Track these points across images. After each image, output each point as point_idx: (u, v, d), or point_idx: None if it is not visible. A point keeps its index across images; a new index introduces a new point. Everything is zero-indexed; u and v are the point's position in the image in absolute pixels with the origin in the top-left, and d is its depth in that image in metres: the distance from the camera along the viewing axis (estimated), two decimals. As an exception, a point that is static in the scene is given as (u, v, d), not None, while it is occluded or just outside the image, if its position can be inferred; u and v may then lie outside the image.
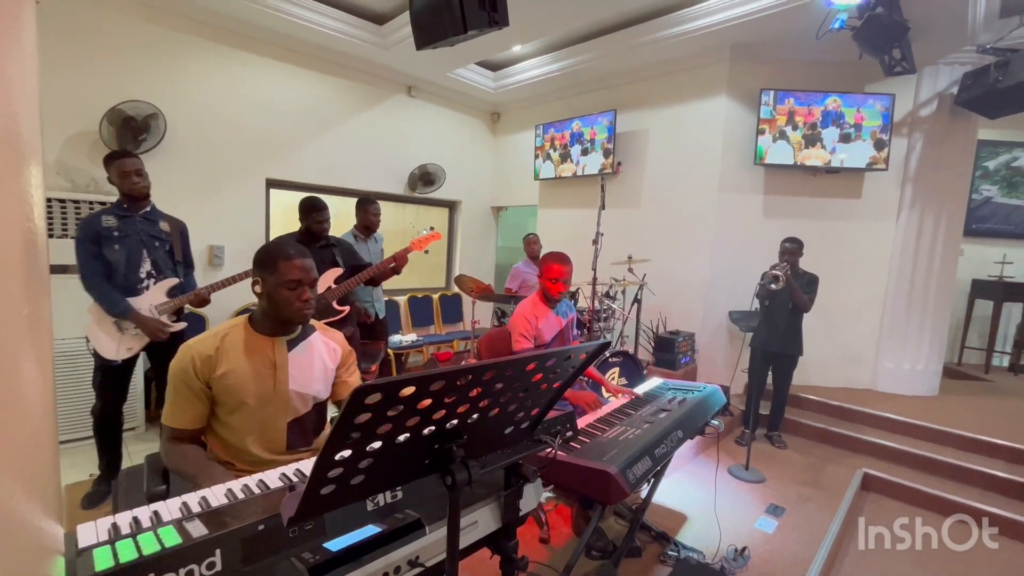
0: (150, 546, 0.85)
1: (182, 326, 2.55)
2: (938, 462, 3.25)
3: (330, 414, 1.64)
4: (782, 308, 3.43)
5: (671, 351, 4.19)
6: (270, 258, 1.38)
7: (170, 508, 1.03)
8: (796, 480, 3.17)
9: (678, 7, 3.87)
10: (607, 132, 4.83)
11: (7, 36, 0.50)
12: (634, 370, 3.54)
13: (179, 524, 0.93)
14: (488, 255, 6.53)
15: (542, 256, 2.53)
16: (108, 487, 2.56)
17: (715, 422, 2.26)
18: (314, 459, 0.79)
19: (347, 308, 2.89)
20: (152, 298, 2.44)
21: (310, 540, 0.95)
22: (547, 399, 1.21)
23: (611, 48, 4.42)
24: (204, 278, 2.88)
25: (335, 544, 0.99)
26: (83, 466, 2.70)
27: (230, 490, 1.11)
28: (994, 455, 3.26)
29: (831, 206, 4.26)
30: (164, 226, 2.55)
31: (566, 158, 5.24)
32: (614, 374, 3.42)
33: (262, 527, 0.92)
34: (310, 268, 1.42)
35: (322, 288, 2.72)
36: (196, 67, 3.81)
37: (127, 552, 0.84)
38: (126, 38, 3.48)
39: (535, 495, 1.41)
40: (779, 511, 2.78)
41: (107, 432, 2.55)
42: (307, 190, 4.40)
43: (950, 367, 5.00)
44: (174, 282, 2.52)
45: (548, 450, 1.29)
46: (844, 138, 4.02)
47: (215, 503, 1.05)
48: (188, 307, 2.58)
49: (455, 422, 0.96)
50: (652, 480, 2.29)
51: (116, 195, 2.48)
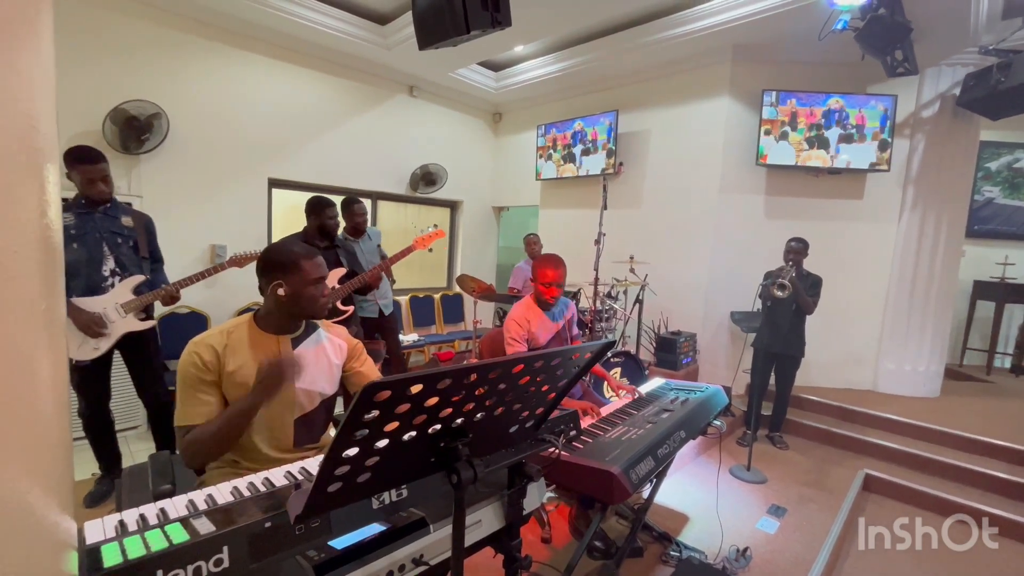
0: (158, 543, 0.86)
1: (151, 324, 2.46)
2: (939, 463, 3.25)
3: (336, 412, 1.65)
4: (785, 309, 3.42)
5: (673, 351, 4.20)
6: (293, 259, 1.43)
7: (176, 505, 1.03)
8: (798, 481, 3.17)
9: (680, 8, 3.88)
10: (609, 133, 4.84)
11: (27, 33, 0.51)
12: (636, 370, 3.55)
13: (186, 521, 0.94)
14: (489, 255, 6.54)
15: (539, 258, 2.45)
16: (110, 486, 2.56)
17: (717, 422, 2.27)
18: (320, 457, 0.79)
19: (351, 308, 2.89)
20: (117, 296, 2.34)
21: (316, 538, 0.96)
22: (552, 398, 1.21)
23: (613, 49, 4.42)
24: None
25: (340, 542, 1.00)
26: (86, 465, 2.71)
27: (236, 488, 1.12)
28: (995, 456, 3.26)
29: (833, 207, 4.26)
30: (127, 221, 2.44)
31: (568, 158, 5.24)
32: (616, 374, 3.43)
33: (269, 524, 0.92)
34: (324, 265, 1.50)
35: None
36: (199, 67, 3.82)
37: (135, 548, 0.84)
38: (129, 38, 3.49)
39: (538, 494, 1.42)
40: (781, 512, 2.78)
41: (97, 432, 2.53)
42: (309, 190, 4.41)
43: (951, 368, 4.99)
44: (140, 279, 2.42)
45: (552, 450, 1.29)
46: (846, 139, 4.02)
47: (221, 501, 1.06)
48: (176, 305, 2.48)
49: (461, 420, 0.97)
50: (654, 480, 2.29)
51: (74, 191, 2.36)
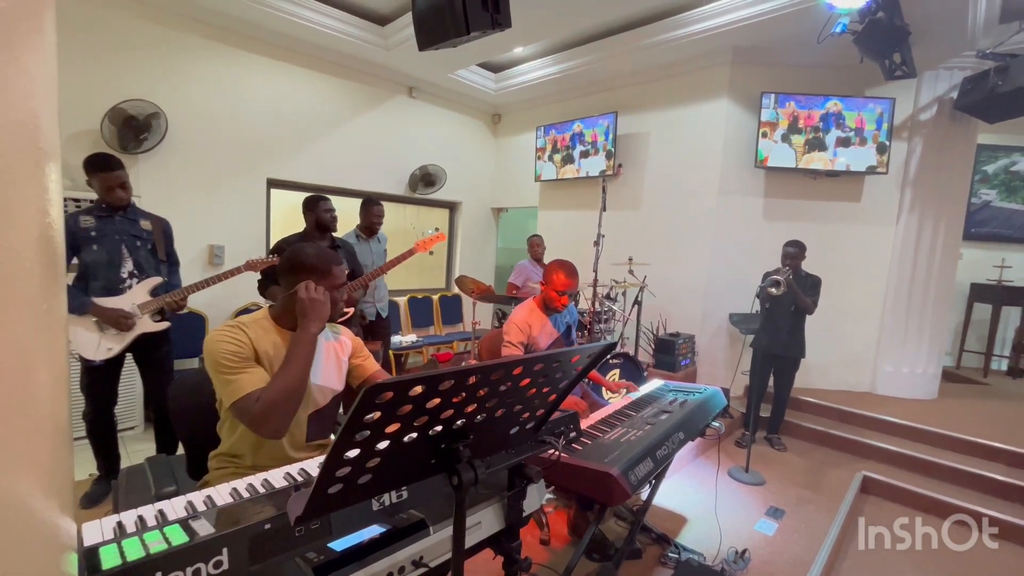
0: (157, 545, 0.85)
1: (165, 325, 2.50)
2: (937, 465, 3.26)
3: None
4: (784, 310, 3.43)
5: (671, 353, 4.20)
6: (324, 263, 1.46)
7: (175, 507, 1.02)
8: (796, 482, 3.18)
9: (680, 10, 3.88)
10: (608, 134, 4.85)
11: (30, 30, 0.50)
12: (634, 372, 3.55)
13: (185, 523, 0.93)
14: (488, 256, 6.53)
15: (549, 263, 2.42)
16: (107, 487, 2.55)
17: (716, 424, 2.27)
18: (320, 459, 0.79)
19: (352, 309, 2.89)
20: (134, 297, 2.40)
21: (316, 539, 0.95)
22: (552, 400, 1.21)
23: (612, 50, 4.43)
24: (203, 277, 2.85)
25: (340, 544, 0.99)
26: (83, 465, 2.69)
27: (235, 489, 1.11)
28: (993, 458, 3.26)
29: (831, 209, 4.28)
30: (145, 224, 2.50)
31: (567, 160, 5.25)
32: (615, 375, 3.43)
33: (269, 526, 0.91)
34: (345, 271, 1.55)
35: None
36: (198, 67, 3.81)
37: (134, 550, 0.83)
38: (128, 37, 3.48)
39: (538, 496, 1.42)
40: (779, 513, 2.79)
41: (100, 435, 2.53)
42: (308, 190, 4.40)
43: (949, 371, 5.01)
44: (157, 281, 2.47)
45: (551, 451, 1.29)
46: (845, 142, 4.03)
47: (221, 502, 1.05)
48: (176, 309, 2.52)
49: (462, 422, 0.97)
50: (653, 482, 2.29)
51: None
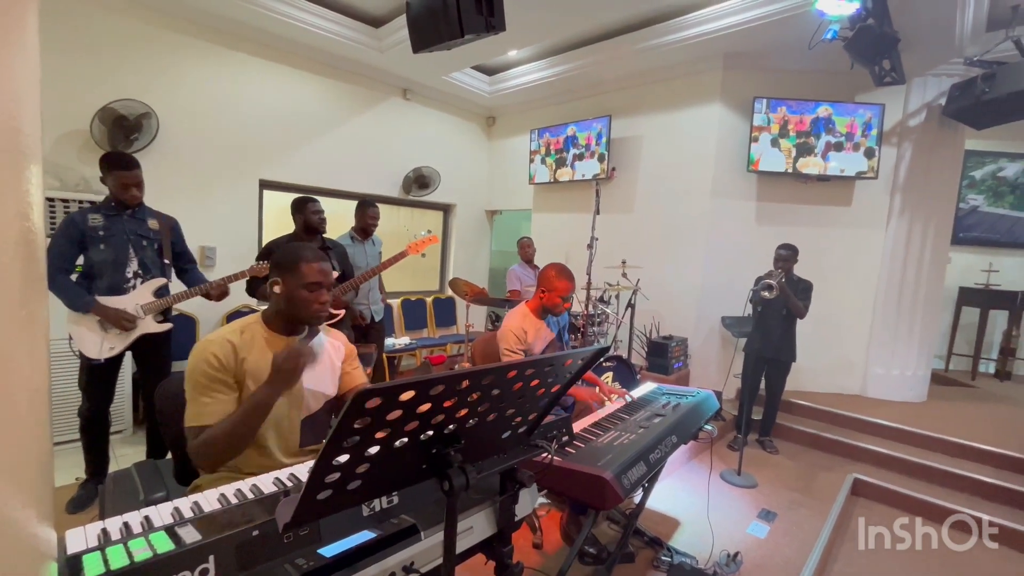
0: (142, 552, 0.83)
1: (168, 327, 2.51)
2: (926, 467, 3.28)
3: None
4: (776, 314, 3.45)
5: (664, 356, 4.21)
6: (291, 260, 1.41)
7: (161, 513, 1.01)
8: (787, 485, 3.19)
9: (673, 15, 3.91)
10: (601, 138, 4.86)
11: (11, 28, 0.49)
12: (627, 375, 3.55)
13: (171, 530, 0.91)
14: (482, 259, 6.53)
15: (547, 269, 2.39)
16: (94, 491, 2.51)
17: (709, 427, 2.27)
18: (309, 464, 0.78)
19: (342, 311, 2.87)
20: (138, 297, 2.40)
21: (306, 546, 0.94)
22: (544, 404, 1.21)
23: (606, 55, 4.45)
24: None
25: (329, 550, 0.98)
26: (68, 469, 2.66)
27: (223, 495, 1.10)
28: (981, 460, 3.30)
29: (822, 213, 4.31)
30: (152, 224, 2.51)
31: (561, 163, 5.26)
32: (607, 378, 3.42)
33: (257, 532, 0.90)
34: (328, 272, 1.46)
35: None
36: (189, 67, 3.79)
37: (118, 558, 0.82)
38: (119, 36, 3.45)
39: (530, 500, 1.41)
40: (771, 516, 2.80)
41: (94, 434, 2.51)
42: (301, 192, 4.38)
43: (938, 373, 5.06)
44: (162, 282, 2.49)
45: (544, 455, 1.29)
46: (835, 147, 4.08)
47: (208, 508, 1.04)
48: (205, 299, 2.56)
49: (453, 427, 0.96)
50: (646, 485, 2.29)
51: (104, 193, 2.44)
